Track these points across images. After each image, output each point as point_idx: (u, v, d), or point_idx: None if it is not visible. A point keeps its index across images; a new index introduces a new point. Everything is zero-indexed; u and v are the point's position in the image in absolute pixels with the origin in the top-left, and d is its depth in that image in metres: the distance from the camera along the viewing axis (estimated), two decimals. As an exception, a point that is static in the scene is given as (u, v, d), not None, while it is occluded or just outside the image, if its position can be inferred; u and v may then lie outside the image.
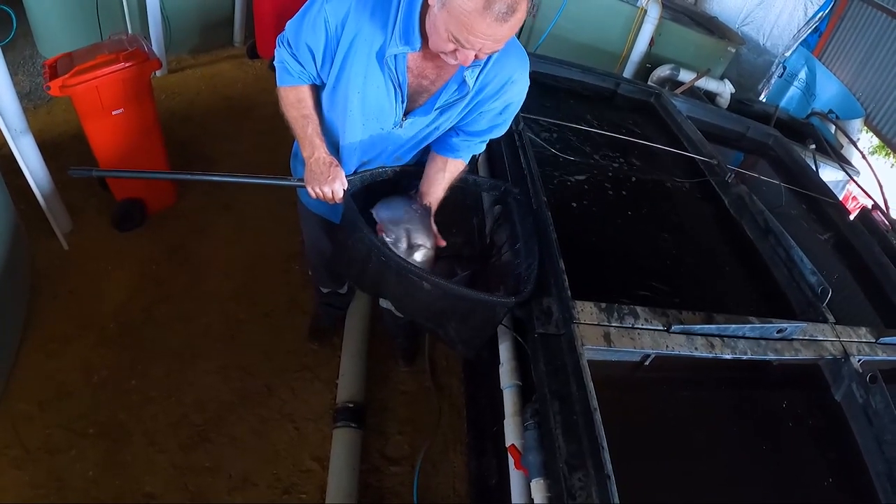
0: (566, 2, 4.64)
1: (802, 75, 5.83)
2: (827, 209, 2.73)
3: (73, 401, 2.17)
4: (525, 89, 1.52)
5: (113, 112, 2.50)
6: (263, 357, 2.47)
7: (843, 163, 4.28)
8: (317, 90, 1.58)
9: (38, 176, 2.49)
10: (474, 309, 1.44)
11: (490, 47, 1.22)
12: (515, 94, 1.50)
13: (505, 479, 1.35)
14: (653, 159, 2.57)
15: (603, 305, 1.50)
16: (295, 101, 1.54)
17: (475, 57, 1.25)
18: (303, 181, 1.56)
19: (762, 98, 6.04)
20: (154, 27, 3.84)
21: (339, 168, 1.52)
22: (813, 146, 4.17)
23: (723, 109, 4.18)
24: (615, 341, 1.43)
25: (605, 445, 1.15)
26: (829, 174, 3.96)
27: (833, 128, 5.17)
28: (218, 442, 2.17)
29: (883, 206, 4.07)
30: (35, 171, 2.46)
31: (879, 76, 5.23)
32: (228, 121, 3.86)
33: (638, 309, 1.52)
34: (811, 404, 1.64)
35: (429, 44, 1.31)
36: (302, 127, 1.53)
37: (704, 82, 4.81)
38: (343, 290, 2.43)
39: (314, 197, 1.54)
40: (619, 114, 3.04)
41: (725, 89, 4.86)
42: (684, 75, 4.80)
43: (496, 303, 1.41)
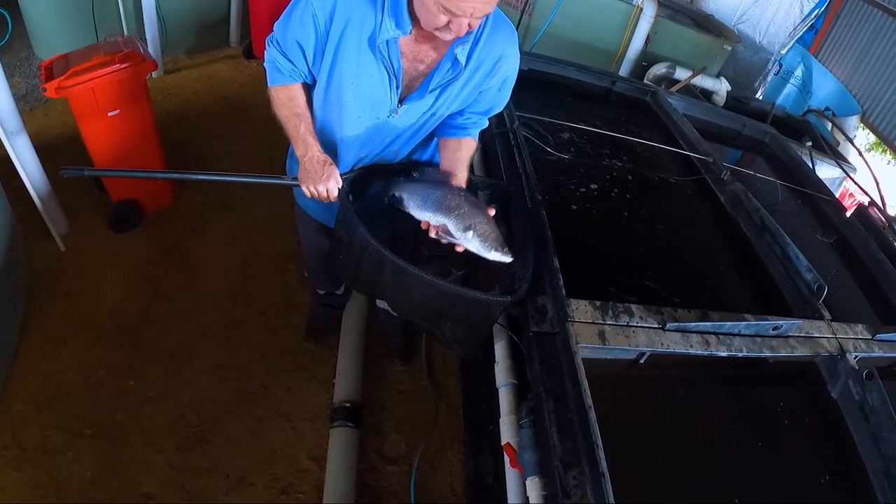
0: (562, 0, 4.63)
1: (799, 73, 5.83)
2: (823, 206, 2.73)
3: (71, 401, 2.17)
4: (517, 61, 1.55)
5: (109, 113, 2.50)
6: (260, 357, 2.48)
7: (840, 160, 4.27)
8: (308, 89, 1.58)
9: (35, 178, 2.49)
10: (470, 308, 1.43)
11: (481, 10, 1.24)
12: (510, 68, 1.53)
13: (501, 478, 1.35)
14: (648, 157, 2.57)
15: (598, 303, 1.50)
16: (286, 101, 1.54)
17: (468, 27, 1.27)
18: (297, 180, 1.57)
19: (758, 96, 6.04)
20: (150, 28, 3.84)
21: (334, 166, 1.51)
22: (809, 143, 4.17)
23: (719, 107, 4.18)
24: (610, 339, 1.43)
25: (600, 444, 1.15)
26: (826, 171, 3.95)
27: (829, 125, 5.17)
28: (215, 442, 2.17)
29: (879, 203, 4.07)
30: (31, 173, 2.46)
31: (875, 73, 5.25)
32: (225, 121, 3.86)
33: (633, 307, 1.52)
34: (807, 401, 1.63)
35: (421, 23, 1.32)
36: (294, 126, 1.53)
37: (700, 80, 4.80)
38: (340, 291, 2.44)
39: (309, 196, 1.54)
40: (615, 112, 3.04)
41: (721, 87, 4.85)
42: (680, 73, 4.79)
43: (492, 301, 1.41)
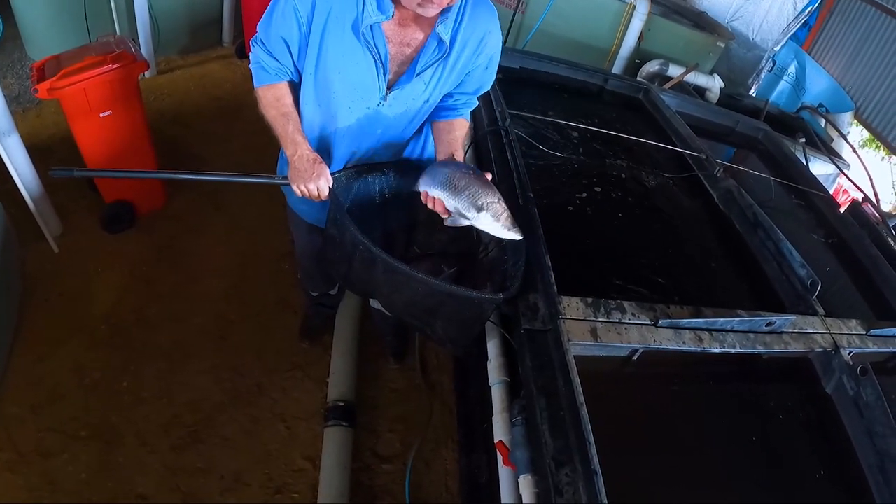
0: (554, -2, 4.63)
1: (792, 70, 5.83)
2: (817, 202, 2.73)
3: (65, 403, 2.16)
4: (500, 37, 1.57)
5: (101, 114, 2.49)
6: (254, 357, 2.47)
7: (834, 156, 4.27)
8: (295, 88, 1.58)
9: (27, 179, 2.48)
10: (461, 306, 1.43)
11: None
12: (494, 45, 1.55)
13: (495, 476, 1.34)
14: (641, 154, 2.56)
15: (589, 300, 1.49)
16: (273, 101, 1.55)
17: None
18: (287, 179, 1.56)
19: (752, 93, 6.02)
20: (142, 28, 3.83)
21: (324, 165, 1.51)
22: (803, 140, 4.17)
23: (712, 104, 4.17)
24: (602, 336, 1.43)
25: (592, 441, 1.15)
26: (820, 168, 3.95)
27: (823, 122, 5.17)
28: (210, 442, 2.17)
29: (873, 199, 4.09)
30: (24, 175, 2.46)
31: (869, 70, 5.25)
32: (218, 121, 3.85)
33: (625, 304, 1.52)
34: (801, 397, 1.63)
35: (402, 3, 1.33)
36: (282, 125, 1.53)
37: (694, 77, 4.80)
38: (333, 291, 2.43)
39: (299, 195, 1.54)
40: (608, 109, 3.03)
41: (715, 84, 4.85)
42: (673, 70, 4.78)
43: (483, 299, 1.40)
